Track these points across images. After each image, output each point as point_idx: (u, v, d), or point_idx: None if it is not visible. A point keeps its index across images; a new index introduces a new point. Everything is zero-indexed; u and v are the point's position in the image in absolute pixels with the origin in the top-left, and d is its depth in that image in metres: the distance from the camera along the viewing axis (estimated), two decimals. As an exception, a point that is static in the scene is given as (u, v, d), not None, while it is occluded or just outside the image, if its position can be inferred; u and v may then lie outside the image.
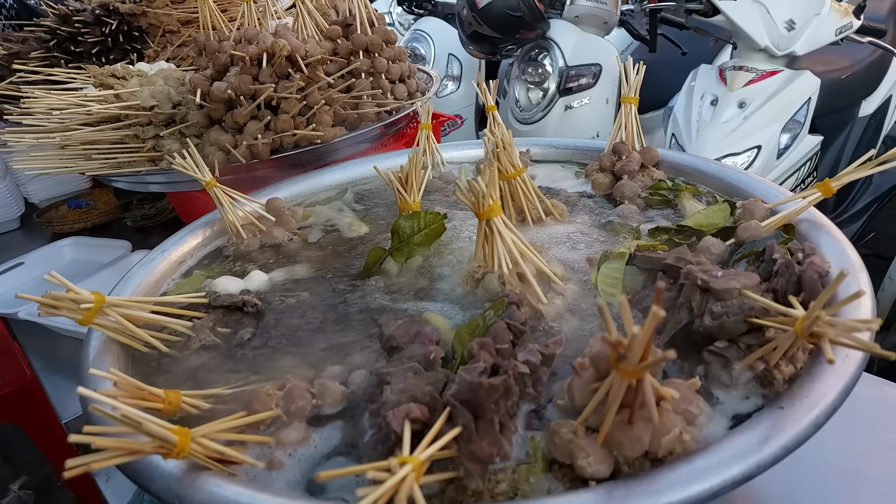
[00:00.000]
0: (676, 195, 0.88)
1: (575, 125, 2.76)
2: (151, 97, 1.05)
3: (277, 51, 1.03)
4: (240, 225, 0.88)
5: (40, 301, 0.57)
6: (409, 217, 0.78)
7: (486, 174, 0.67)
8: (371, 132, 1.20)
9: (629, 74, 1.00)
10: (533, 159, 1.07)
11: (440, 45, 3.48)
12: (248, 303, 0.69)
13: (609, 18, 2.79)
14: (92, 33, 1.43)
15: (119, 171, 1.03)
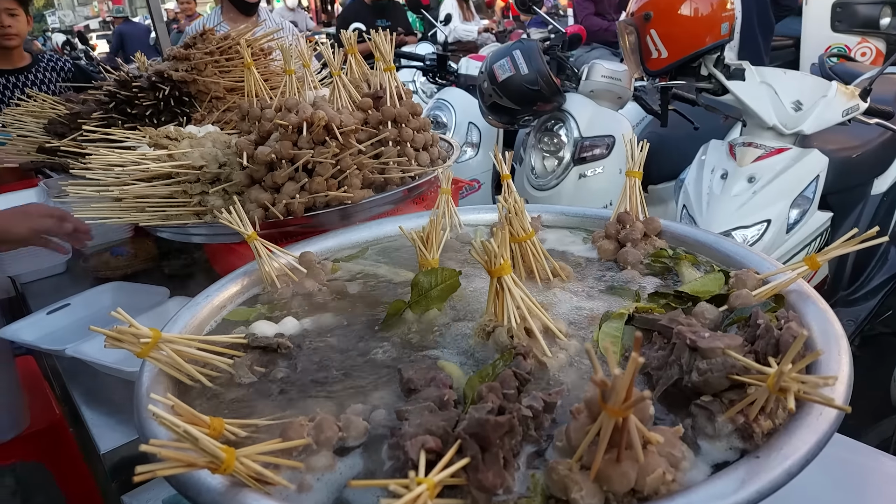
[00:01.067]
0: (676, 263, 0.95)
1: (589, 193, 2.87)
2: (201, 158, 1.16)
3: (316, 121, 1.15)
4: (275, 275, 0.96)
5: (108, 334, 0.65)
6: (428, 273, 0.86)
7: (499, 236, 0.75)
8: (395, 195, 1.30)
9: (634, 151, 1.10)
10: (544, 224, 1.15)
11: (461, 114, 3.65)
12: (281, 345, 0.76)
13: (623, 94, 2.93)
14: (147, 97, 1.57)
15: (167, 223, 1.13)
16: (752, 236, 2.22)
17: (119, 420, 1.10)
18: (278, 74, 1.80)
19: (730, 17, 2.23)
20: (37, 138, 1.73)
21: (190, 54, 1.67)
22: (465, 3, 6.59)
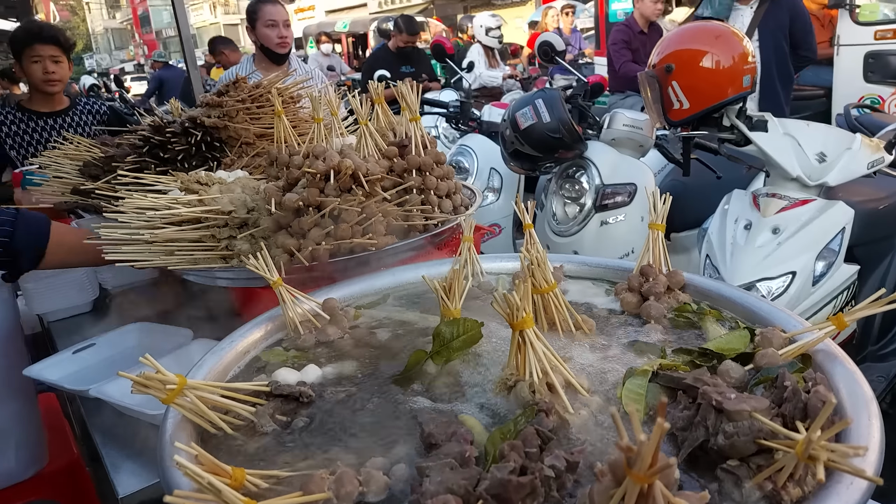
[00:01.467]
0: (700, 318, 0.94)
1: (610, 240, 2.86)
2: (230, 203, 1.19)
3: (343, 169, 1.17)
4: (298, 321, 0.97)
5: (135, 379, 0.66)
6: (450, 323, 0.86)
7: (521, 289, 0.76)
8: (418, 241, 1.31)
9: (657, 204, 1.10)
10: (566, 274, 1.15)
11: (483, 160, 3.70)
12: (303, 394, 0.77)
13: (644, 142, 2.96)
14: (179, 142, 1.62)
15: (195, 267, 1.16)
16: (777, 288, 2.20)
17: (139, 463, 1.10)
18: (306, 121, 1.85)
19: (751, 70, 2.25)
20: (72, 180, 1.78)
21: (223, 101, 1.72)
22: (491, 51, 6.73)
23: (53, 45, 2.76)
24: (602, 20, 7.60)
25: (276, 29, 3.09)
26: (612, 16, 7.49)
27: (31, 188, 2.01)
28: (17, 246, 1.35)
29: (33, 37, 2.74)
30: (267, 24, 3.09)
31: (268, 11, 3.08)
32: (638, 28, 4.87)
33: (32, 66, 2.74)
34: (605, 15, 7.55)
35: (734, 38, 2.31)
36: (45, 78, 2.76)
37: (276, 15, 3.09)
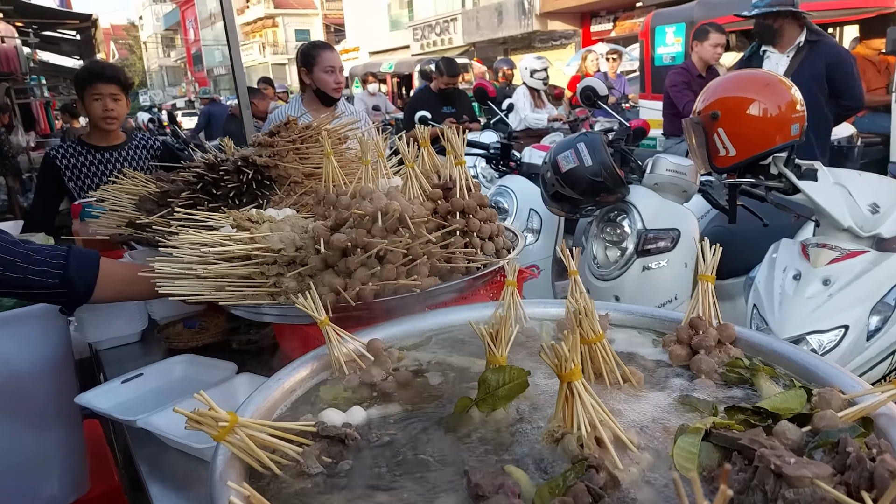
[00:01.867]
0: (753, 374, 0.91)
1: (652, 286, 2.82)
2: (280, 241, 1.22)
3: (391, 211, 1.19)
4: (343, 361, 0.98)
5: (189, 416, 0.67)
6: (496, 370, 0.85)
7: (569, 340, 0.75)
8: (460, 284, 1.32)
9: (706, 254, 1.08)
10: (612, 323, 1.14)
11: (522, 201, 3.71)
12: (349, 436, 0.77)
13: (688, 188, 2.93)
14: (231, 179, 1.67)
15: (244, 303, 1.18)
16: (829, 342, 2.12)
17: (182, 496, 1.11)
18: (353, 161, 1.90)
19: (800, 119, 2.22)
20: (127, 213, 1.85)
21: (274, 141, 1.78)
22: (537, 92, 6.78)
23: (114, 85, 2.91)
24: (648, 64, 7.64)
25: (334, 75, 3.25)
26: (658, 60, 7.52)
27: (88, 220, 2.09)
28: (71, 278, 1.41)
29: (95, 76, 2.90)
30: (325, 69, 3.25)
31: (326, 57, 3.23)
32: (696, 71, 4.84)
33: (93, 103, 2.88)
34: (651, 59, 7.59)
35: (782, 86, 2.29)
36: (104, 115, 2.90)
37: (334, 61, 3.24)
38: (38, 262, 1.39)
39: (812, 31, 3.87)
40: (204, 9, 48.49)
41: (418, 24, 28.03)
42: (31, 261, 1.39)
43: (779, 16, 3.84)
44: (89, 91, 2.88)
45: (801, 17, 3.83)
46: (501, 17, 23.53)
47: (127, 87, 3.01)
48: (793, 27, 3.85)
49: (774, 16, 3.85)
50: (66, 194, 2.95)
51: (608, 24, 21.48)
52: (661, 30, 7.55)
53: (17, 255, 1.37)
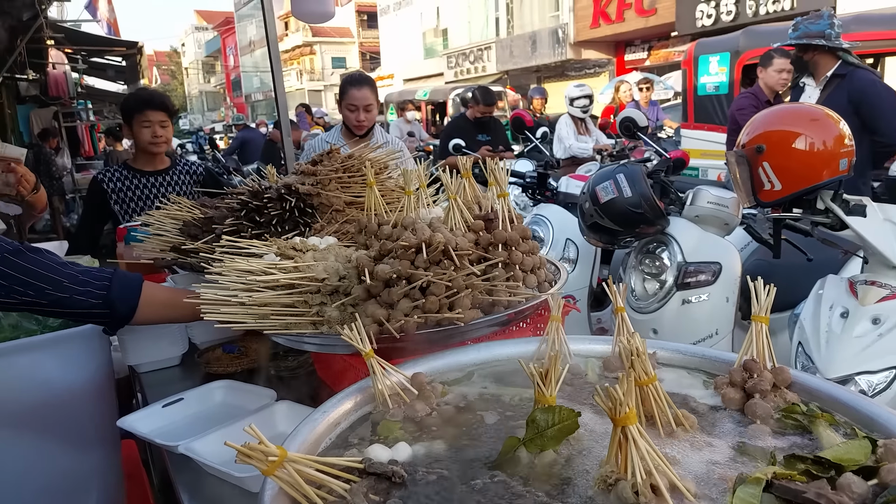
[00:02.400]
0: (811, 421, 0.88)
1: (692, 320, 2.76)
2: (324, 271, 1.22)
3: (435, 243, 1.19)
4: (387, 395, 0.97)
5: (239, 449, 0.67)
6: (545, 410, 0.84)
7: (624, 383, 0.73)
8: (502, 317, 1.30)
9: (759, 294, 1.05)
10: (659, 361, 1.11)
11: (558, 230, 3.69)
12: (396, 473, 0.75)
13: (730, 221, 2.88)
14: (274, 207, 1.70)
15: (287, 332, 1.19)
16: (879, 383, 2.04)
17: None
18: (393, 190, 1.91)
19: (849, 154, 2.17)
20: (172, 238, 1.88)
21: (317, 170, 1.80)
22: (581, 121, 6.76)
23: (161, 111, 3.01)
24: (690, 93, 7.58)
25: (356, 113, 3.32)
26: (701, 89, 7.44)
27: (133, 244, 2.14)
28: (113, 300, 1.46)
29: (145, 103, 3.00)
30: (348, 106, 3.34)
31: (351, 95, 3.31)
32: (764, 97, 4.71)
33: (143, 129, 2.98)
34: (694, 88, 7.52)
35: (829, 120, 2.25)
36: (153, 141, 3.00)
37: (356, 100, 3.30)
38: (83, 282, 1.44)
39: (847, 62, 3.76)
40: (244, 36, 50.01)
41: (452, 53, 28.44)
42: (77, 281, 1.44)
43: (808, 48, 3.78)
44: (138, 118, 2.97)
45: (834, 50, 3.74)
46: (535, 45, 23.74)
47: (173, 113, 3.11)
48: (827, 59, 3.75)
49: (804, 48, 3.79)
50: (110, 218, 3.03)
51: (643, 52, 21.49)
52: (704, 59, 7.48)
53: (64, 275, 1.42)
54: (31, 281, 1.38)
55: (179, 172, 3.18)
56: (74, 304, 1.43)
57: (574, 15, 21.96)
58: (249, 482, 1.11)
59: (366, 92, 3.30)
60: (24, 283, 1.37)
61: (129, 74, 14.34)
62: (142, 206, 3.02)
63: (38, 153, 11.14)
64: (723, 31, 12.18)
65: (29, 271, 1.38)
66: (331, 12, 3.91)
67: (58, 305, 1.42)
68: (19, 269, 1.37)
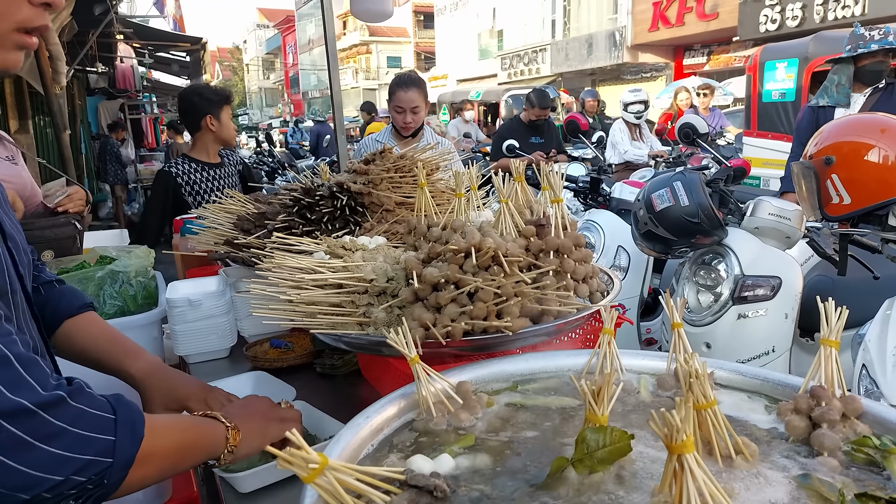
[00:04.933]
0: (885, 457, 0.82)
1: (748, 335, 2.65)
2: (373, 272, 1.21)
3: (485, 248, 1.17)
4: (431, 402, 0.95)
5: (281, 455, 0.66)
6: (596, 430, 0.80)
7: (682, 409, 0.69)
8: (551, 327, 1.27)
9: (830, 316, 0.99)
10: (717, 382, 1.06)
11: (610, 237, 3.61)
12: (438, 487, 0.73)
13: (792, 234, 2.75)
14: (326, 204, 1.70)
15: (335, 332, 1.18)
16: (953, 414, 1.91)
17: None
18: (443, 192, 1.89)
19: (927, 168, 2.05)
20: (225, 232, 1.92)
21: (369, 169, 1.80)
22: (636, 126, 6.63)
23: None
24: (754, 100, 7.32)
25: (403, 115, 3.33)
26: (767, 96, 7.18)
27: (189, 236, 2.18)
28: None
29: (228, 98, 3.31)
30: (395, 108, 3.35)
31: (398, 97, 3.32)
32: None
33: (229, 122, 3.24)
34: (758, 95, 7.27)
35: (905, 131, 2.12)
36: (234, 134, 3.32)
37: (403, 102, 3.31)
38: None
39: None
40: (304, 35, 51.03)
41: (507, 54, 28.31)
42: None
43: (888, 52, 3.62)
44: (227, 109, 3.23)
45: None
46: (591, 48, 23.40)
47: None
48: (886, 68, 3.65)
49: (884, 53, 3.62)
50: (181, 208, 3.13)
51: (702, 57, 20.92)
52: (770, 65, 7.20)
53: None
54: None
55: (229, 164, 3.37)
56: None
57: (632, 18, 21.54)
58: (237, 481, 1.15)
59: (412, 94, 3.30)
60: None
61: (192, 69, 14.79)
62: (209, 197, 3.11)
63: (105, 143, 11.64)
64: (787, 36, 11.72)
65: None
66: (389, 11, 3.93)
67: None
68: None
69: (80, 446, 0.78)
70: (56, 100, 5.49)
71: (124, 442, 0.82)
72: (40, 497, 0.75)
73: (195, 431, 1.00)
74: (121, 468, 0.82)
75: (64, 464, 0.76)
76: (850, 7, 14.43)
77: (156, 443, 0.88)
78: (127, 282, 1.95)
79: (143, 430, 0.85)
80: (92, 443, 0.79)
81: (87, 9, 7.02)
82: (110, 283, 1.94)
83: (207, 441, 1.00)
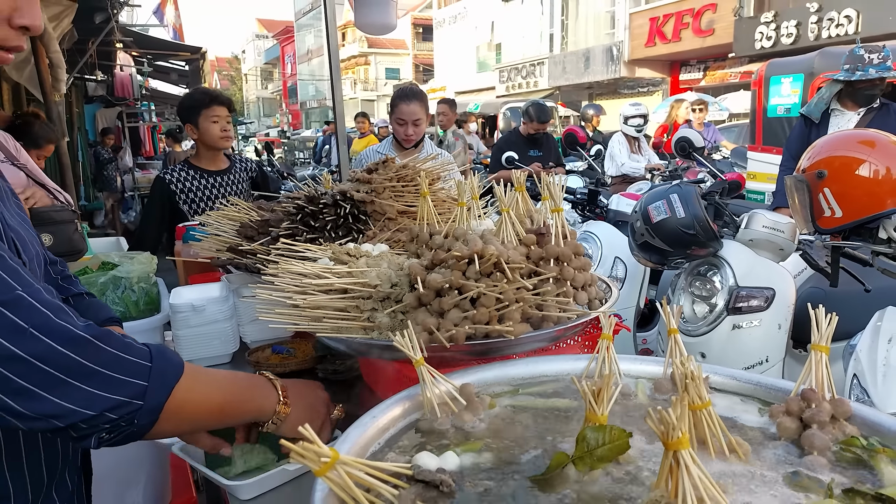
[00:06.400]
0: (871, 456, 0.85)
1: (742, 346, 2.69)
2: (377, 277, 1.25)
3: (487, 255, 1.20)
4: (435, 403, 0.98)
5: (294, 448, 0.69)
6: (596, 429, 0.83)
7: (678, 408, 0.72)
8: (551, 333, 1.30)
9: (820, 322, 1.03)
10: (712, 387, 1.09)
11: (607, 248, 3.66)
12: (444, 482, 0.76)
13: (785, 246, 2.80)
14: (329, 212, 1.74)
15: (339, 336, 1.21)
16: (942, 423, 1.95)
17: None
18: (444, 201, 1.93)
19: (917, 182, 2.10)
20: (229, 239, 1.94)
21: (372, 178, 1.84)
22: (635, 140, 6.68)
23: (227, 108, 3.11)
24: (759, 115, 7.35)
25: (405, 127, 3.37)
26: (772, 111, 7.20)
27: (192, 242, 2.21)
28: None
29: (213, 99, 3.08)
30: (397, 120, 3.39)
31: (400, 109, 3.36)
32: None
33: (212, 125, 3.04)
34: (763, 109, 7.30)
35: (894, 146, 2.17)
36: (223, 136, 3.08)
37: (405, 115, 3.35)
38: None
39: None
40: (302, 45, 51.31)
41: (505, 67, 28.52)
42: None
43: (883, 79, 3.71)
44: (206, 113, 3.04)
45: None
46: (588, 62, 23.61)
47: (233, 112, 3.21)
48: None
49: (881, 79, 3.70)
50: (177, 216, 3.09)
51: (698, 73, 21.13)
52: (776, 80, 7.20)
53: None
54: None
55: (238, 171, 3.28)
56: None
57: (629, 33, 21.77)
58: (237, 490, 1.17)
59: (415, 107, 3.34)
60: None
61: (191, 78, 14.84)
62: (209, 205, 3.09)
63: (96, 152, 11.66)
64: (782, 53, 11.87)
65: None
66: (393, 24, 3.98)
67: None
68: None
69: (113, 387, 0.86)
70: (55, 107, 5.52)
71: (155, 389, 0.89)
72: (76, 426, 0.85)
73: (242, 391, 1.06)
74: (149, 412, 0.89)
75: (95, 401, 0.84)
76: (844, 26, 14.62)
77: (193, 396, 0.95)
78: (129, 287, 1.98)
79: (174, 381, 0.92)
80: (126, 385, 0.87)
81: (89, 17, 7.07)
82: (112, 289, 1.97)
83: (256, 403, 1.07)
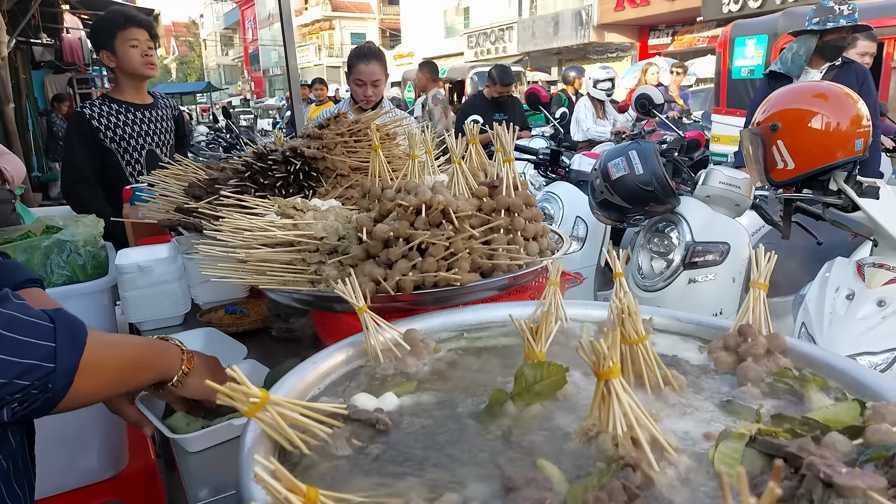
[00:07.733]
0: (802, 385, 0.87)
1: (698, 299, 2.75)
2: (323, 230, 1.23)
3: (434, 204, 1.19)
4: (379, 350, 0.97)
5: (220, 389, 0.68)
6: (534, 366, 0.84)
7: (610, 337, 0.73)
8: (500, 281, 1.30)
9: (760, 261, 1.04)
10: (655, 328, 1.11)
11: (569, 208, 3.67)
12: (380, 420, 0.76)
13: (741, 202, 2.84)
14: (279, 170, 1.70)
15: (284, 288, 1.19)
16: (879, 364, 2.03)
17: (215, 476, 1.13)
18: (400, 158, 1.90)
19: (865, 134, 2.13)
20: (177, 199, 1.90)
21: (323, 134, 1.80)
22: (600, 103, 6.65)
23: (147, 32, 2.78)
24: (724, 77, 7.37)
25: (363, 87, 3.24)
26: (736, 73, 7.22)
27: (138, 204, 2.15)
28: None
29: (129, 19, 2.72)
30: (356, 81, 3.26)
31: (359, 70, 3.23)
32: None
33: (131, 49, 2.71)
34: (728, 71, 7.31)
35: (847, 99, 2.20)
36: (146, 61, 2.77)
37: (363, 75, 3.22)
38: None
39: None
40: (263, 9, 49.78)
41: (473, 32, 28.15)
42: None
43: (853, 30, 3.75)
44: (123, 36, 2.70)
45: (868, 32, 3.76)
46: (557, 27, 23.43)
47: (155, 38, 2.89)
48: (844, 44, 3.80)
49: (850, 30, 3.74)
50: (108, 158, 2.80)
51: (667, 38, 21.16)
52: (741, 41, 7.18)
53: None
54: None
55: (163, 107, 3.04)
56: None
57: (598, -4, 21.65)
58: (184, 442, 1.17)
59: (374, 67, 3.22)
60: None
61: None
62: (138, 142, 2.84)
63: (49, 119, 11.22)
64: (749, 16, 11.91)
65: None
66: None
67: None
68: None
69: (19, 351, 0.80)
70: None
71: (65, 348, 0.84)
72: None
73: (149, 349, 1.04)
74: (64, 374, 0.84)
75: (5, 367, 0.78)
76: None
77: (103, 353, 0.90)
78: (75, 251, 1.92)
79: (84, 338, 0.87)
80: (32, 348, 0.81)
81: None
82: (57, 253, 1.90)
83: (161, 360, 1.05)
